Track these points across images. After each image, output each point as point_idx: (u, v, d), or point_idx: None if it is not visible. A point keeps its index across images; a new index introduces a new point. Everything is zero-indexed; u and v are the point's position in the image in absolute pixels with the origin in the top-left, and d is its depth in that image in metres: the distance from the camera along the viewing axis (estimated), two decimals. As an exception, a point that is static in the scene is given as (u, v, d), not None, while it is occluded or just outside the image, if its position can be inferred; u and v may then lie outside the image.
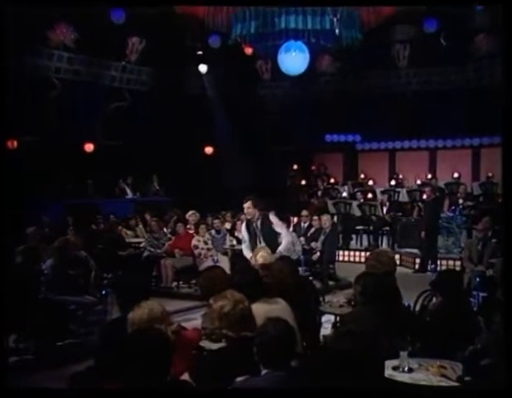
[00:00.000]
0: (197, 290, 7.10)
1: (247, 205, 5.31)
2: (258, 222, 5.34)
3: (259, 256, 4.56)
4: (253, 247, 5.23)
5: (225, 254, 8.02)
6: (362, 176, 13.92)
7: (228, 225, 9.27)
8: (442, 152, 13.44)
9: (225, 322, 2.33)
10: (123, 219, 10.01)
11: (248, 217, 5.35)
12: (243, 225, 5.57)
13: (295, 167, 14.51)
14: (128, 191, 12.48)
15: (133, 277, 3.21)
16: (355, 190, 12.37)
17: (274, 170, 13.52)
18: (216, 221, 8.50)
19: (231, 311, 2.34)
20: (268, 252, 4.74)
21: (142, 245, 8.85)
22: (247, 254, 5.30)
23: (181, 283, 7.94)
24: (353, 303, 4.08)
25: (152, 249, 8.25)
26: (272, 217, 5.39)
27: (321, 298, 4.49)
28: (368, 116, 12.70)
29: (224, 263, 7.17)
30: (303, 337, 3.10)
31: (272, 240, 5.24)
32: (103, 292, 5.40)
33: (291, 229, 8.80)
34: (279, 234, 5.30)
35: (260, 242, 5.27)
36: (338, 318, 4.20)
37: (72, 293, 5.20)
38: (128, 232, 9.50)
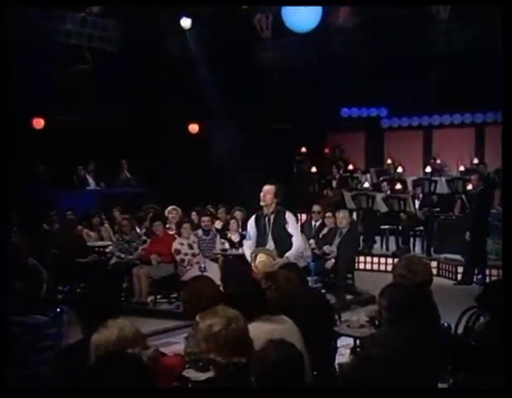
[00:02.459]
0: (179, 306, 7.15)
1: (267, 188, 5.49)
2: (272, 217, 5.51)
3: (258, 261, 4.67)
4: (258, 246, 5.46)
5: (215, 260, 8.04)
6: (389, 161, 13.95)
7: (219, 224, 9.29)
8: (493, 130, 13.32)
9: (213, 345, 2.34)
10: (84, 216, 10.03)
11: (262, 204, 5.52)
12: (252, 218, 5.73)
13: (303, 149, 14.54)
14: (90, 180, 12.49)
15: (97, 290, 3.23)
16: (380, 179, 12.41)
17: (277, 153, 13.53)
18: (204, 219, 8.53)
19: (222, 331, 2.36)
20: (270, 256, 4.86)
21: (108, 250, 8.87)
22: (248, 254, 5.49)
23: (158, 297, 7.98)
24: (377, 322, 4.11)
25: (122, 255, 8.28)
26: (289, 216, 5.57)
27: (336, 317, 4.52)
28: (397, 84, 12.71)
29: (214, 272, 7.20)
30: (314, 365, 3.12)
31: (283, 242, 5.44)
32: (58, 310, 5.40)
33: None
34: (291, 236, 5.48)
35: (267, 242, 5.48)
36: (358, 342, 4.24)
37: (18, 312, 5.20)
38: (91, 233, 9.52)
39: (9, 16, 4.37)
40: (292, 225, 5.52)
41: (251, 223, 5.72)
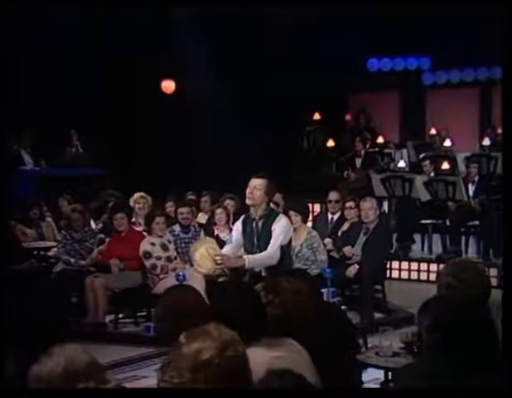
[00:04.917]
0: (150, 328, 7.17)
1: (255, 183, 5.73)
2: (260, 223, 5.80)
3: (198, 256, 5.77)
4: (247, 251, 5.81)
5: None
6: (433, 131, 13.99)
7: (202, 218, 9.31)
8: None
9: (202, 376, 2.36)
10: (18, 207, 10.02)
11: (249, 202, 5.78)
12: (240, 221, 6.01)
13: (316, 116, 14.53)
14: (27, 157, 12.47)
15: (37, 307, 3.24)
16: (421, 156, 12.42)
17: (281, 122, 13.52)
18: (183, 211, 8.54)
19: (214, 359, 2.37)
20: (211, 248, 5.79)
21: (52, 253, 8.90)
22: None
23: (121, 316, 8.04)
24: (416, 348, 4.14)
25: (71, 260, 8.30)
26: (278, 222, 5.82)
27: (360, 341, 4.55)
28: (443, 27, 12.67)
29: (197, 282, 7.20)
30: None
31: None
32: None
33: (309, 224, 8.85)
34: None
35: (254, 248, 5.81)
36: (390, 374, 4.27)
37: None
38: (27, 231, 9.53)
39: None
40: (275, 234, 5.74)
41: (237, 226, 6.02)
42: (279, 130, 13.50)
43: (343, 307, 7.13)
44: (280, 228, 5.78)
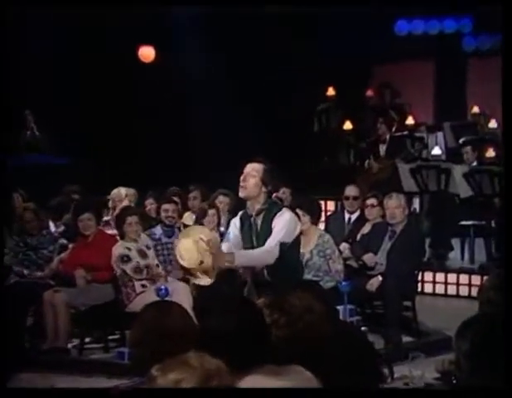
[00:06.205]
0: (123, 354, 7.19)
1: (250, 168, 5.85)
2: (259, 220, 5.88)
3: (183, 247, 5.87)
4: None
5: (184, 278, 8.07)
6: (475, 109, 13.98)
7: (189, 218, 9.34)
8: None
9: None
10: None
11: (242, 195, 5.90)
12: (237, 218, 6.16)
13: (330, 91, 14.53)
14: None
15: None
16: (461, 141, 12.43)
17: (285, 99, 13.53)
18: (167, 207, 8.58)
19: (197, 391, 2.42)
20: (202, 240, 5.85)
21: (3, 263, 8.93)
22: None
23: (87, 340, 8.07)
24: (454, 379, 4.17)
25: (25, 271, 8.33)
26: (280, 215, 5.92)
27: (385, 370, 4.58)
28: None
29: (183, 296, 7.24)
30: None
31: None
32: None
33: (322, 226, 8.88)
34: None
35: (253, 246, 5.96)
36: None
37: None
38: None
39: None
40: (275, 229, 5.82)
41: (235, 222, 6.15)
42: (284, 110, 13.49)
43: (363, 328, 7.16)
44: (282, 222, 5.84)
